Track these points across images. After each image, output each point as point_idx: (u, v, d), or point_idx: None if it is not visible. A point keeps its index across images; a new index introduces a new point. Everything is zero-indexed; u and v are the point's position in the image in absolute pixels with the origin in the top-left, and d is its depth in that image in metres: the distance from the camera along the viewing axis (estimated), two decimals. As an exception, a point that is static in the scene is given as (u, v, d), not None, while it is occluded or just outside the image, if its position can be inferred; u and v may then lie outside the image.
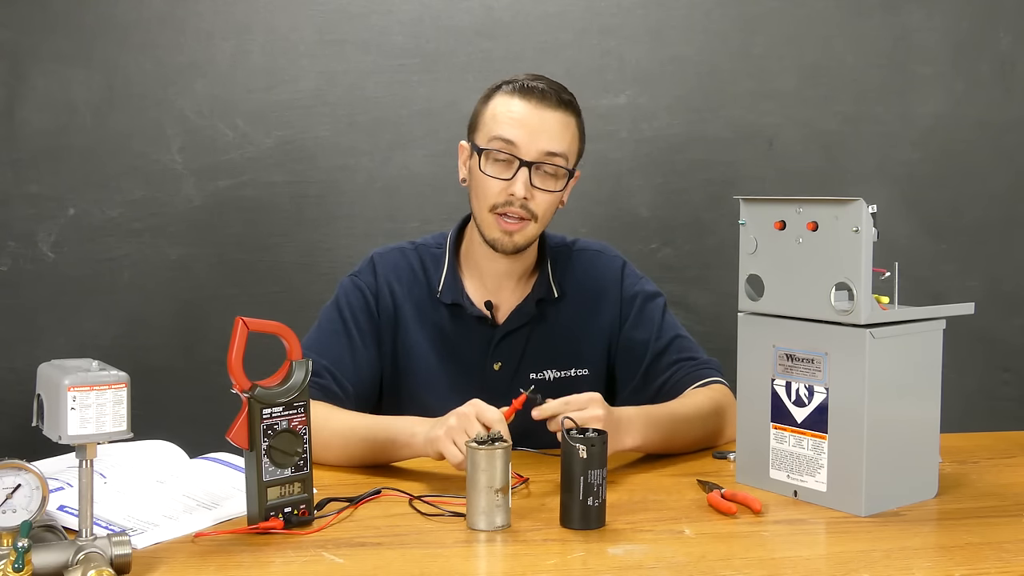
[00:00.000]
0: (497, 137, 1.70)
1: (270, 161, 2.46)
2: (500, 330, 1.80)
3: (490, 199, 1.71)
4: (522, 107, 1.70)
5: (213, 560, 1.21)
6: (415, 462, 1.63)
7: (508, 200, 1.70)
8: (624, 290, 1.87)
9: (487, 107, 1.74)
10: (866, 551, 1.24)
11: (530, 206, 1.71)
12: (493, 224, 1.72)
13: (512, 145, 1.69)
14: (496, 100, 1.73)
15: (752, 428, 1.50)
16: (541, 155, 1.69)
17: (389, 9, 2.47)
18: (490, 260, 1.80)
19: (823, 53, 2.60)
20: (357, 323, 1.78)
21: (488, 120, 1.73)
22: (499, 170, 1.71)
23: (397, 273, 1.82)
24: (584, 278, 1.86)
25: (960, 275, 2.65)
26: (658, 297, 1.89)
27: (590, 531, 1.31)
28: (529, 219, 1.72)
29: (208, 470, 1.52)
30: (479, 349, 1.80)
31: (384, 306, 1.80)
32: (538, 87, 1.71)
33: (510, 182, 1.69)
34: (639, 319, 1.85)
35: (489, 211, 1.72)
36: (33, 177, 2.39)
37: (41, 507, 1.12)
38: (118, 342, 2.41)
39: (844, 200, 1.37)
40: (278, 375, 1.33)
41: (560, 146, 1.71)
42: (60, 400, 1.10)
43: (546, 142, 1.69)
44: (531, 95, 1.70)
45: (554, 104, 1.71)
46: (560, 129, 1.71)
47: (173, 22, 2.41)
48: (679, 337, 1.85)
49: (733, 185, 2.54)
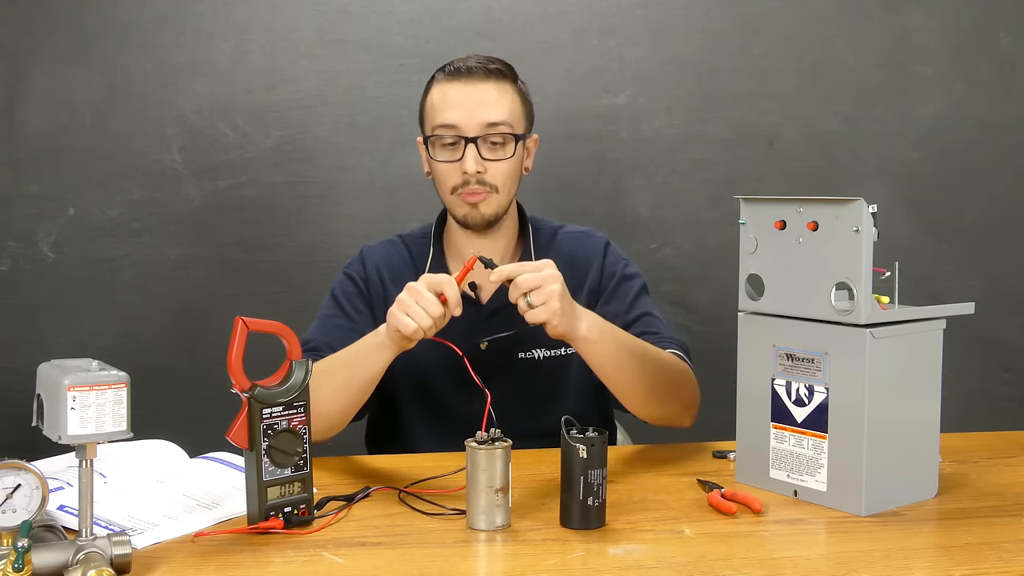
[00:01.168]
0: (438, 124, 1.75)
1: (270, 161, 2.46)
2: (485, 309, 1.81)
3: (448, 182, 1.77)
4: (453, 89, 1.76)
5: (213, 560, 1.21)
6: (412, 459, 1.64)
7: (464, 180, 1.74)
8: (605, 267, 1.88)
9: (427, 99, 1.80)
10: (866, 551, 1.24)
11: (486, 179, 1.75)
12: (458, 203, 1.77)
13: (453, 127, 1.74)
14: (432, 91, 1.79)
15: (752, 428, 1.50)
16: (482, 128, 1.74)
17: (389, 9, 2.47)
18: (469, 243, 1.83)
19: (823, 53, 2.60)
20: (354, 306, 1.83)
21: (429, 110, 1.79)
22: (449, 154, 1.76)
23: (387, 262, 1.87)
24: (568, 258, 1.86)
25: (960, 275, 2.65)
26: (636, 278, 1.89)
27: (590, 531, 1.31)
28: (490, 191, 1.76)
29: (208, 470, 1.52)
30: (466, 329, 1.80)
31: (375, 291, 1.84)
32: (464, 65, 1.77)
33: (461, 162, 1.74)
34: (613, 295, 1.86)
35: (451, 194, 1.77)
36: (33, 177, 2.39)
37: (41, 507, 1.12)
38: (118, 342, 2.41)
39: (844, 200, 1.37)
40: (278, 375, 1.33)
41: (499, 114, 1.75)
42: (60, 400, 1.10)
43: (483, 114, 1.74)
44: (458, 75, 1.76)
45: (482, 76, 1.76)
46: (496, 97, 1.76)
47: (173, 22, 2.41)
48: (648, 315, 1.85)
49: (733, 185, 2.54)
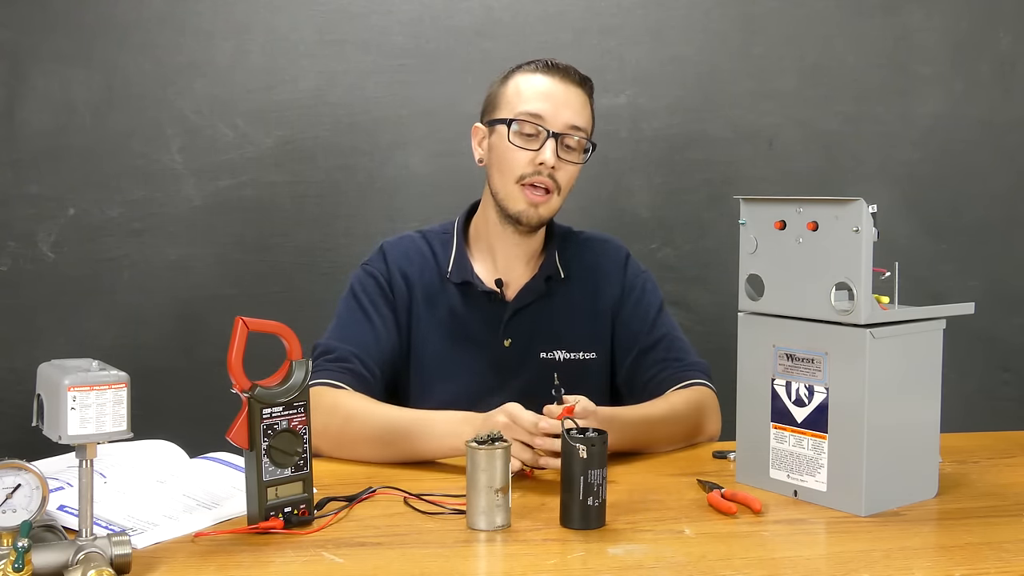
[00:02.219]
0: (525, 111, 1.75)
1: (270, 161, 2.45)
2: (511, 306, 1.82)
3: (517, 170, 1.75)
4: (546, 82, 1.77)
5: (213, 560, 1.21)
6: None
7: (537, 170, 1.74)
8: (627, 279, 1.90)
9: (508, 85, 1.80)
10: (866, 551, 1.24)
11: (556, 176, 1.75)
12: (519, 196, 1.76)
13: (539, 117, 1.74)
14: (518, 78, 1.79)
15: (752, 428, 1.50)
16: (566, 127, 1.75)
17: (389, 9, 2.47)
18: (504, 239, 1.83)
19: (823, 53, 2.60)
20: (376, 306, 1.81)
21: (512, 96, 1.78)
22: (526, 142, 1.75)
23: (408, 258, 1.85)
24: (589, 262, 1.89)
25: (960, 275, 2.65)
26: (656, 293, 1.91)
27: (590, 531, 1.31)
28: (553, 190, 1.76)
29: (208, 470, 1.52)
30: (490, 326, 1.82)
31: (398, 289, 1.82)
32: (560, 64, 1.78)
33: (538, 152, 1.74)
34: (635, 310, 1.87)
35: (516, 182, 1.76)
36: (33, 177, 2.39)
37: (41, 507, 1.12)
38: (118, 342, 2.40)
39: (844, 200, 1.37)
40: (278, 375, 1.33)
41: (582, 120, 1.77)
42: (60, 400, 1.10)
43: (571, 115, 1.76)
44: (554, 71, 1.77)
45: (575, 81, 1.78)
46: (581, 104, 1.78)
47: (173, 22, 2.41)
48: (669, 336, 1.87)
49: (733, 185, 2.54)
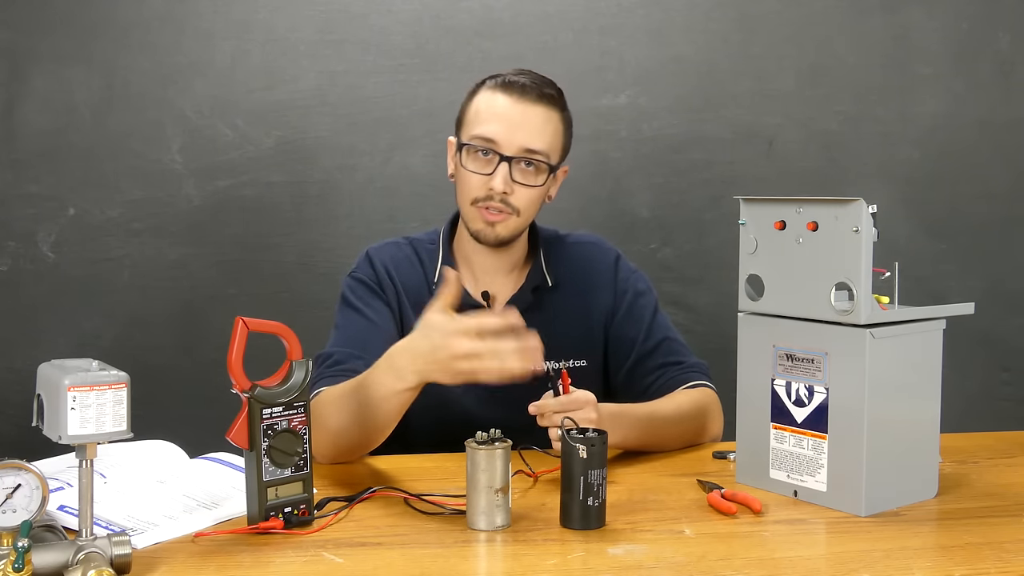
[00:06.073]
0: (477, 134, 1.71)
1: (270, 161, 2.46)
2: None
3: (471, 193, 1.73)
4: (503, 102, 1.71)
5: (213, 560, 1.21)
6: (412, 459, 1.64)
7: (488, 195, 1.71)
8: (618, 282, 1.87)
9: (472, 103, 1.76)
10: (866, 551, 1.24)
11: (510, 200, 1.72)
12: (476, 216, 1.74)
13: (491, 142, 1.70)
14: (480, 96, 1.74)
15: (752, 428, 1.50)
16: (520, 150, 1.70)
17: (389, 9, 2.47)
18: (479, 254, 1.81)
19: (823, 53, 2.60)
20: (369, 303, 1.79)
21: (471, 116, 1.74)
22: (480, 165, 1.72)
23: (395, 263, 1.83)
24: (578, 268, 1.86)
25: (960, 275, 2.65)
26: (649, 294, 1.89)
27: (590, 531, 1.31)
28: (511, 213, 1.73)
29: (208, 470, 1.52)
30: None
31: (388, 290, 1.81)
32: (519, 82, 1.71)
33: (490, 177, 1.71)
34: (629, 315, 1.85)
35: (471, 204, 1.74)
36: (33, 177, 2.39)
37: (41, 507, 1.12)
38: (118, 342, 2.41)
39: (844, 200, 1.37)
40: (278, 375, 1.33)
41: (540, 142, 1.71)
42: (60, 400, 1.10)
43: (525, 138, 1.70)
44: (512, 90, 1.71)
45: (534, 98, 1.71)
46: (541, 124, 1.71)
47: (173, 22, 2.41)
48: (667, 339, 1.85)
49: (733, 185, 2.54)
